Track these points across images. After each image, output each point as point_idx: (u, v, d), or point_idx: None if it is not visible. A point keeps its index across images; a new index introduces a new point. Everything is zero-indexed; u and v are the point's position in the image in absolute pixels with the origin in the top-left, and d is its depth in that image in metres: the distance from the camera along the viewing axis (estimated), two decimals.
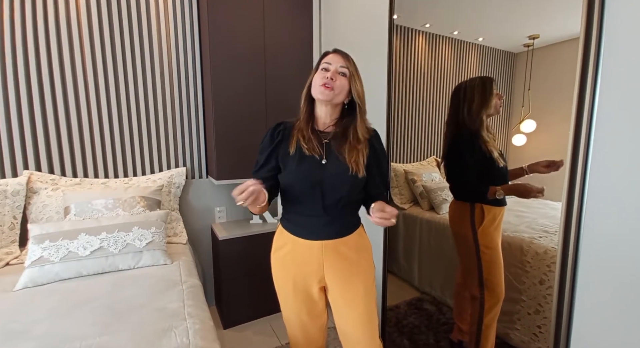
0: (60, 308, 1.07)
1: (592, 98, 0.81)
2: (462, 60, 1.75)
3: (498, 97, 1.33)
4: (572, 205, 0.86)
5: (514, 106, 1.53)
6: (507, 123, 1.54)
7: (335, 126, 1.02)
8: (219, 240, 1.84)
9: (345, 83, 0.96)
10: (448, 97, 1.62)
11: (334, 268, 0.99)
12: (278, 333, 1.89)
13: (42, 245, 1.26)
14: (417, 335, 1.73)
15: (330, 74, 0.95)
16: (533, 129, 1.44)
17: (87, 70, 1.73)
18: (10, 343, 0.90)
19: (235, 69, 1.81)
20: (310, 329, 1.08)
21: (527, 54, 1.50)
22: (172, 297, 1.15)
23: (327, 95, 0.95)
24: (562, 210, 0.89)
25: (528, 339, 1.40)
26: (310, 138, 0.98)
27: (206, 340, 0.92)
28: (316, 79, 0.97)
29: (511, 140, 1.51)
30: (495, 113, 1.35)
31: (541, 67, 1.45)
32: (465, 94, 1.37)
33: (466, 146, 1.36)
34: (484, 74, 1.69)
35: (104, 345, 0.87)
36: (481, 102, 1.32)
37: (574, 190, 0.85)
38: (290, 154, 0.98)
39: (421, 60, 1.82)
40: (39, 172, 1.65)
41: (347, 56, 0.99)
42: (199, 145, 2.08)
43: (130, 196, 1.62)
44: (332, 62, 0.97)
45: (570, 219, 0.86)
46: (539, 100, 1.44)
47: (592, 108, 0.81)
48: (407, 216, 2.00)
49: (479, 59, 1.72)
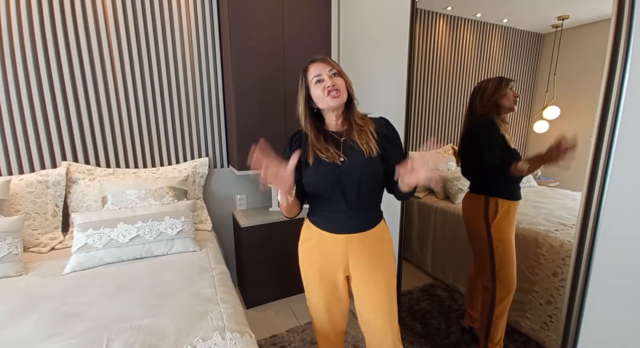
0: (107, 290, 1.20)
1: (620, 85, 0.78)
2: (484, 43, 1.69)
3: (513, 93, 1.33)
4: (592, 198, 0.86)
5: (538, 91, 1.47)
6: (529, 109, 1.48)
7: (345, 121, 1.07)
8: (241, 227, 1.94)
9: (342, 82, 1.01)
10: (468, 82, 1.59)
11: (358, 260, 1.07)
12: (297, 314, 2.02)
13: (86, 233, 1.38)
14: (429, 320, 1.81)
15: (328, 82, 0.99)
16: (556, 116, 1.39)
17: (116, 67, 1.81)
18: (68, 323, 1.01)
19: (254, 59, 1.84)
20: (334, 314, 1.17)
21: (554, 36, 1.43)
22: (204, 283, 1.26)
23: (338, 100, 1.00)
24: (581, 203, 0.89)
25: (538, 328, 1.45)
26: (327, 148, 1.02)
27: (239, 324, 1.03)
28: (317, 93, 1.01)
29: (532, 127, 1.45)
30: (510, 108, 1.34)
31: (569, 50, 1.38)
32: (480, 88, 1.38)
33: (479, 130, 1.37)
34: (507, 57, 1.63)
35: (151, 325, 0.99)
36: (494, 90, 1.33)
37: (595, 183, 0.84)
38: (310, 163, 1.03)
39: (441, 44, 1.77)
40: (76, 163, 1.77)
41: (327, 60, 1.03)
42: (220, 136, 2.15)
43: (159, 186, 1.72)
44: (319, 71, 1.01)
45: (589, 213, 0.87)
46: (564, 86, 1.39)
47: (619, 95, 0.78)
48: (422, 205, 2.04)
49: (502, 42, 1.65)
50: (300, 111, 1.07)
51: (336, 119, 1.07)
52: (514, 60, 1.61)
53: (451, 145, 2.00)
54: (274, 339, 1.77)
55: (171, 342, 0.92)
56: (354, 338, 1.78)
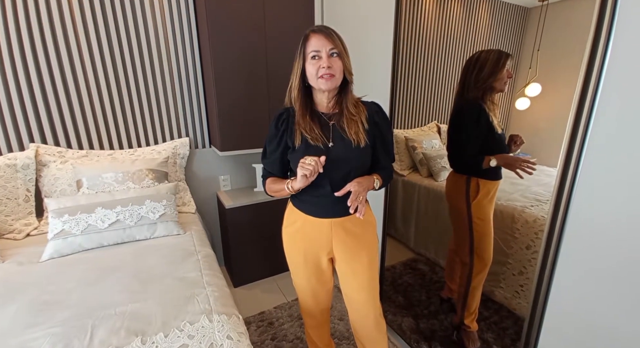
0: (88, 277, 1.18)
1: (601, 63, 0.78)
2: (471, 18, 1.63)
3: (508, 73, 1.31)
4: (567, 175, 0.89)
5: (522, 68, 1.42)
6: (512, 86, 1.44)
7: (337, 104, 1.03)
8: (226, 208, 1.92)
9: (340, 64, 0.95)
10: (455, 58, 1.55)
11: (341, 243, 1.08)
12: (284, 291, 2.07)
13: (62, 219, 1.33)
14: (411, 293, 1.90)
15: (324, 62, 0.92)
16: (538, 93, 1.36)
17: (81, 41, 1.66)
18: (49, 312, 0.99)
19: (234, 35, 1.74)
20: (319, 293, 1.21)
21: (540, 10, 1.39)
22: (189, 267, 1.25)
23: (329, 84, 0.94)
24: (556, 180, 0.93)
25: (510, 296, 1.55)
26: (313, 128, 0.98)
27: (226, 306, 1.04)
28: (310, 70, 0.95)
29: (514, 104, 1.42)
30: (500, 89, 1.34)
31: (554, 26, 1.36)
32: (477, 62, 1.35)
33: (471, 117, 1.37)
34: (494, 32, 1.60)
35: (136, 311, 0.98)
36: (491, 71, 1.31)
37: (570, 160, 0.87)
38: (297, 146, 1.00)
39: (428, 20, 1.72)
40: (45, 145, 1.67)
41: (332, 35, 0.94)
42: (200, 115, 2.07)
43: (138, 169, 1.66)
44: (319, 47, 0.93)
45: (563, 189, 0.90)
46: (547, 62, 1.36)
47: (600, 73, 0.79)
48: (406, 182, 2.07)
49: (489, 16, 1.60)
50: (292, 83, 1.01)
51: (327, 100, 1.02)
52: (500, 36, 1.58)
53: (435, 122, 2.00)
54: (262, 316, 1.82)
55: (158, 327, 0.92)
56: (339, 312, 1.86)
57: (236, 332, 0.92)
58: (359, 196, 0.95)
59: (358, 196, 0.94)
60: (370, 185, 1.02)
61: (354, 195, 0.94)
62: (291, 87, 1.02)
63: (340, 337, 1.68)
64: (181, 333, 0.89)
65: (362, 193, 0.96)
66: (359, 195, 0.94)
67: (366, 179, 1.01)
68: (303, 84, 1.00)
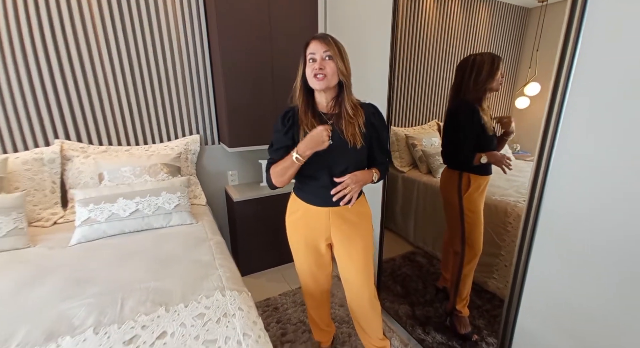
0: (113, 259, 1.31)
1: (571, 59, 0.88)
2: (471, 18, 1.68)
3: (501, 74, 1.41)
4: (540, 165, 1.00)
5: (522, 67, 1.48)
6: (512, 85, 1.50)
7: (336, 105, 1.12)
8: (234, 202, 2.05)
9: (333, 66, 1.03)
10: (455, 59, 1.62)
11: (338, 230, 1.20)
12: (288, 280, 2.19)
13: (87, 207, 1.47)
14: (409, 283, 2.01)
15: (317, 64, 1.03)
16: (537, 92, 1.41)
17: (101, 45, 1.80)
18: (81, 287, 1.12)
19: (242, 37, 1.85)
20: (318, 277, 1.33)
21: (540, 10, 1.44)
22: (203, 251, 1.38)
23: (321, 84, 1.04)
24: (531, 173, 1.04)
25: (503, 286, 1.63)
26: (314, 124, 1.09)
27: (236, 284, 1.16)
28: (307, 71, 1.07)
29: (514, 103, 1.47)
30: (495, 89, 1.43)
31: (552, 26, 1.36)
32: (473, 66, 1.43)
33: (466, 118, 1.46)
34: (494, 32, 1.64)
35: (158, 287, 1.11)
36: (488, 75, 1.40)
37: (544, 151, 0.98)
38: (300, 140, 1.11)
39: (427, 20, 1.76)
40: (69, 141, 1.81)
41: (327, 39, 1.04)
42: (210, 114, 2.20)
43: (153, 163, 1.79)
44: (315, 51, 1.04)
45: (537, 178, 1.01)
46: (545, 62, 1.38)
47: (568, 75, 0.89)
48: (406, 179, 2.16)
49: (489, 17, 1.65)
50: (296, 84, 1.12)
51: (327, 101, 1.12)
52: (500, 36, 1.64)
53: (436, 121, 2.09)
54: (267, 301, 1.94)
55: (179, 299, 1.05)
56: (340, 299, 1.97)
57: (246, 304, 1.04)
58: (348, 187, 1.09)
59: (345, 187, 1.09)
60: (368, 179, 1.14)
61: (342, 186, 1.08)
62: (295, 88, 1.14)
63: (341, 321, 1.80)
64: (199, 304, 1.02)
65: (352, 186, 1.10)
66: (347, 186, 1.09)
67: (364, 173, 1.13)
68: (305, 85, 1.11)
